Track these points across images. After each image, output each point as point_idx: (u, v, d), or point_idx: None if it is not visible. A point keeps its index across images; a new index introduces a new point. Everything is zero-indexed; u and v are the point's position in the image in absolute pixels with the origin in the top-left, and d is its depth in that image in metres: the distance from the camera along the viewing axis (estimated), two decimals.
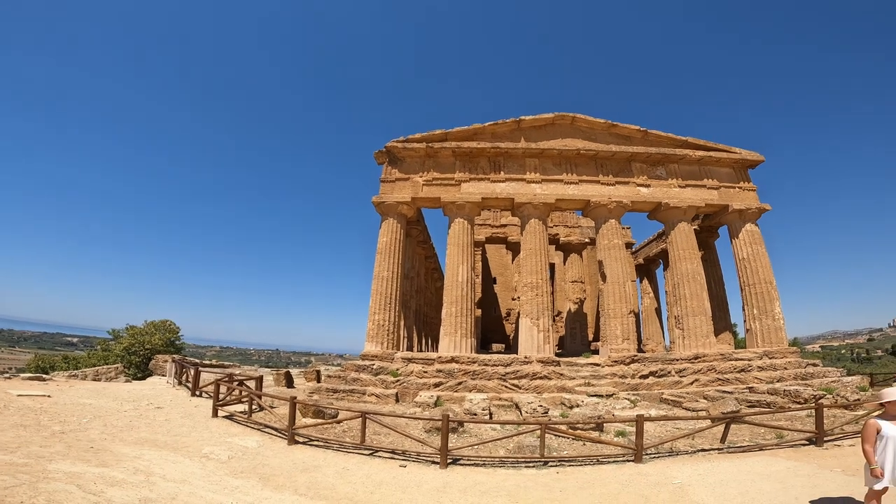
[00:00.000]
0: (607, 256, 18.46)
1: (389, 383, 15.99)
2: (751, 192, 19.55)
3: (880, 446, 4.96)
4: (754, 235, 19.00)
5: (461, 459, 8.54)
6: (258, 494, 6.49)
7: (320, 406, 10.65)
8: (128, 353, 25.18)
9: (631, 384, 15.95)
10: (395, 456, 8.76)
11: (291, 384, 18.20)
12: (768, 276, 18.43)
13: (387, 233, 18.74)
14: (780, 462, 7.65)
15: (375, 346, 17.50)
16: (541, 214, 18.72)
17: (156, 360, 22.27)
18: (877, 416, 5.16)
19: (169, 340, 27.37)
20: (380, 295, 17.98)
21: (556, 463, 8.20)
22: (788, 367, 16.89)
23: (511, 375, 16.23)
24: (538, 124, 19.63)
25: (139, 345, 25.43)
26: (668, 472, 7.38)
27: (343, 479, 7.34)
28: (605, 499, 6.28)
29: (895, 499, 5.19)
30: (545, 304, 17.69)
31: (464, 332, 17.38)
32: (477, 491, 6.93)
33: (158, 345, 25.83)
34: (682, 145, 19.72)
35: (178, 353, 25.98)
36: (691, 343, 17.55)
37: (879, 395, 5.24)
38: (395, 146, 19.02)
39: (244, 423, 10.79)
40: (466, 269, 18.10)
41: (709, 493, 6.20)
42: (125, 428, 9.74)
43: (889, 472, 4.87)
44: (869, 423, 5.09)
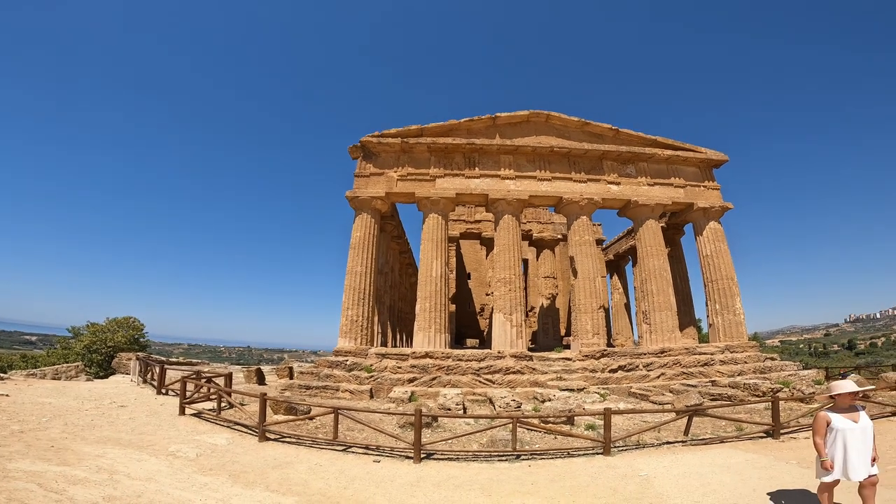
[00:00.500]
0: (578, 252, 18.84)
1: (363, 379, 15.92)
2: (715, 191, 20.29)
3: (830, 438, 4.99)
4: (717, 233, 19.75)
5: (435, 454, 8.60)
6: (228, 491, 6.38)
7: (292, 403, 10.51)
8: (89, 352, 24.20)
9: (601, 378, 16.37)
10: (369, 451, 8.74)
11: (263, 381, 17.89)
12: (730, 273, 19.21)
13: (360, 228, 18.59)
14: (739, 454, 7.97)
15: (349, 341, 17.37)
16: (514, 211, 18.94)
17: (119, 359, 21.49)
18: (828, 408, 5.19)
19: (133, 338, 26.41)
20: (353, 290, 17.84)
21: (529, 456, 8.35)
22: (748, 361, 17.69)
23: (485, 370, 16.40)
24: (513, 121, 19.82)
25: (101, 343, 24.45)
26: (634, 465, 7.62)
27: (316, 475, 7.29)
28: (575, 491, 6.44)
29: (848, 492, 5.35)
30: (518, 299, 17.94)
31: (438, 328, 17.45)
32: (450, 485, 6.99)
33: (121, 342, 24.91)
34: (652, 144, 20.27)
35: (143, 352, 25.13)
36: (658, 337, 18.14)
37: (830, 388, 5.27)
38: (370, 141, 18.87)
39: (213, 421, 10.55)
40: (440, 264, 18.15)
41: (673, 485, 6.44)
42: (87, 427, 9.43)
43: (840, 465, 4.90)
44: (819, 415, 5.13)
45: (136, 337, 26.95)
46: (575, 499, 6.12)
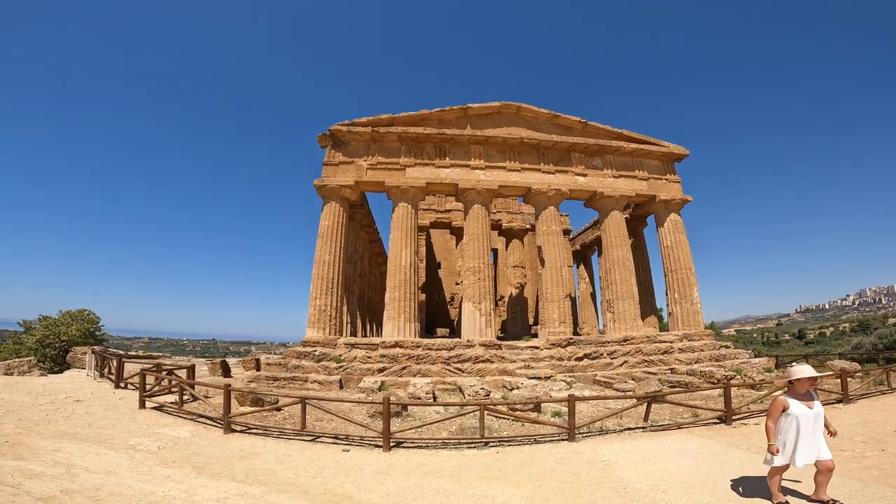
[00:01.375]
0: (546, 242, 19.19)
1: (332, 370, 15.79)
2: (676, 184, 21.03)
3: (786, 424, 4.99)
4: (677, 225, 20.53)
5: (405, 442, 8.66)
6: (192, 482, 6.26)
7: (258, 394, 10.33)
8: (42, 346, 23.08)
9: (567, 366, 16.83)
10: (338, 441, 8.72)
11: (228, 374, 17.46)
12: (688, 263, 20.04)
13: (329, 216, 18.31)
14: (694, 440, 8.37)
15: (317, 332, 17.16)
16: (484, 200, 19.07)
17: (74, 353, 20.53)
18: (785, 393, 5.17)
19: (88, 331, 25.27)
20: (321, 279, 17.60)
21: (497, 443, 8.53)
22: (705, 349, 18.58)
23: (454, 359, 16.57)
24: (484, 112, 19.89)
25: (54, 336, 23.32)
26: (598, 451, 7.90)
27: (284, 465, 7.23)
28: (540, 477, 6.64)
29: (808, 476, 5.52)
30: (487, 288, 18.15)
31: (407, 317, 17.47)
32: (420, 472, 7.07)
33: (76, 336, 23.80)
34: (618, 137, 20.75)
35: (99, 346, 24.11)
36: (621, 326, 18.78)
37: (788, 373, 5.24)
38: (340, 129, 18.57)
39: (175, 414, 10.26)
40: (410, 253, 18.12)
41: (633, 470, 6.72)
42: (42, 422, 9.08)
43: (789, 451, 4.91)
44: (777, 399, 5.10)
45: (92, 330, 25.82)
46: (541, 484, 6.30)
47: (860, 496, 5.26)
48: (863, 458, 6.65)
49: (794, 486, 5.56)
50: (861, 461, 6.50)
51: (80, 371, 18.18)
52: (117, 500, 5.50)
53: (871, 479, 5.68)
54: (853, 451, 7.00)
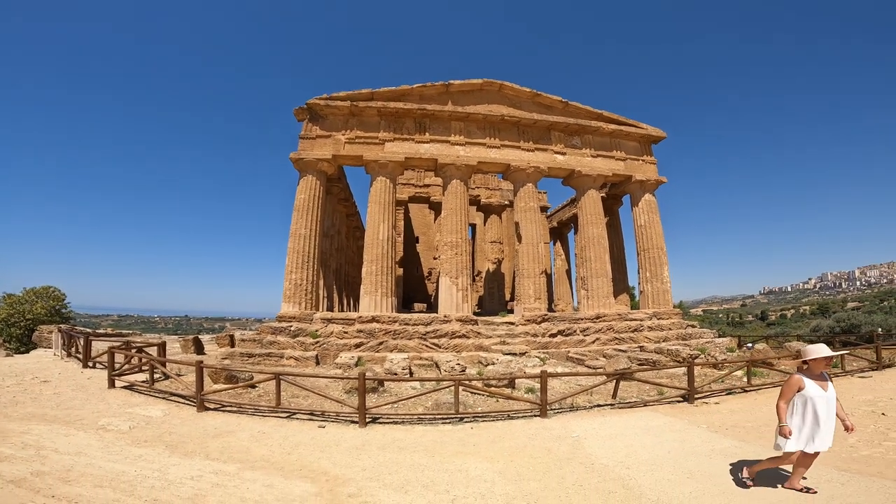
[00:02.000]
0: (523, 218, 19.31)
1: (309, 345, 15.75)
2: (652, 165, 21.32)
3: (799, 405, 4.73)
4: (651, 205, 20.92)
5: (381, 418, 8.77)
6: (165, 461, 6.22)
7: (232, 371, 10.24)
8: (7, 326, 22.22)
9: (541, 342, 17.23)
10: (314, 418, 8.77)
11: (202, 351, 17.18)
12: (660, 243, 20.55)
13: (305, 190, 17.94)
14: (659, 417, 8.72)
15: (293, 306, 17.01)
16: (463, 176, 18.97)
17: (40, 332, 19.81)
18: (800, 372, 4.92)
19: (53, 309, 24.40)
20: (297, 253, 17.36)
21: (471, 419, 8.73)
22: (673, 328, 19.27)
23: (431, 335, 16.73)
24: (466, 89, 19.59)
25: (19, 315, 22.45)
26: (568, 427, 8.17)
27: (258, 443, 7.24)
28: (513, 452, 6.85)
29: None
30: (464, 263, 18.24)
31: (384, 292, 17.46)
32: (395, 447, 7.20)
33: (41, 315, 22.96)
34: (598, 118, 20.79)
35: (66, 324, 23.36)
36: (594, 303, 19.24)
37: (804, 353, 4.93)
38: (317, 103, 18.09)
39: (146, 393, 10.09)
40: (387, 227, 17.99)
41: (600, 446, 6.99)
42: (8, 404, 8.84)
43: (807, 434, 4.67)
44: (793, 378, 4.83)
45: (58, 308, 24.94)
46: (513, 459, 6.51)
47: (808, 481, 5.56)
48: None
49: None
50: None
51: (46, 351, 17.62)
52: (88, 480, 5.43)
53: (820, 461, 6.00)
54: None
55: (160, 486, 5.38)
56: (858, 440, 6.68)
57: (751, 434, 7.42)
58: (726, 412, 9.12)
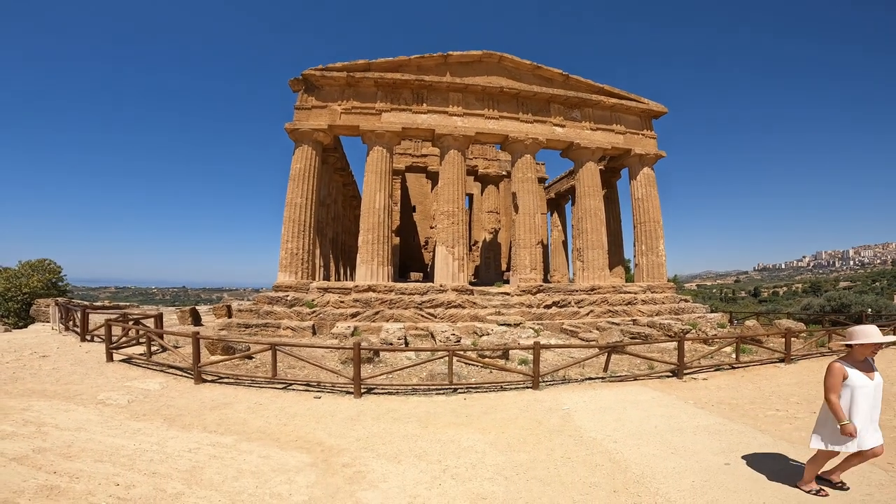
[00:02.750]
0: (521, 189, 19.18)
1: (305, 315, 15.89)
2: (651, 140, 21.02)
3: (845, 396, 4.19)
4: (650, 178, 20.75)
5: (375, 388, 8.93)
6: (164, 434, 6.35)
7: (229, 342, 10.34)
8: (4, 300, 22.25)
9: (536, 314, 17.42)
10: (310, 388, 8.92)
11: (199, 322, 17.28)
12: (657, 216, 20.50)
13: (301, 159, 17.73)
14: (648, 392, 8.89)
15: (289, 276, 17.06)
16: (460, 146, 18.70)
17: (37, 306, 19.82)
18: (841, 359, 4.36)
19: (50, 282, 24.35)
20: (293, 222, 17.29)
21: (465, 390, 8.90)
22: (666, 302, 19.47)
23: (427, 304, 16.88)
24: (465, 60, 19.07)
25: (16, 289, 22.43)
26: (559, 399, 8.34)
27: (255, 414, 7.38)
28: (504, 423, 7.02)
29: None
30: (461, 232, 18.23)
31: (381, 261, 17.50)
32: (389, 418, 7.36)
33: (38, 288, 22.94)
34: (599, 92, 20.33)
35: (63, 296, 23.37)
36: (589, 275, 19.36)
37: (848, 335, 4.37)
38: (313, 74, 17.66)
39: (144, 366, 10.19)
40: (384, 196, 17.87)
41: (589, 419, 7.16)
42: (8, 380, 8.90)
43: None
44: (834, 367, 4.25)
45: (54, 281, 24.89)
46: (504, 430, 6.68)
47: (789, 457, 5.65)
48: (795, 419, 7.14)
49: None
50: (793, 422, 6.98)
51: (44, 325, 17.69)
52: (89, 455, 5.54)
53: (799, 441, 6.14)
54: (787, 412, 7.53)
55: (158, 460, 5.49)
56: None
57: (735, 412, 7.57)
58: (713, 388, 9.31)
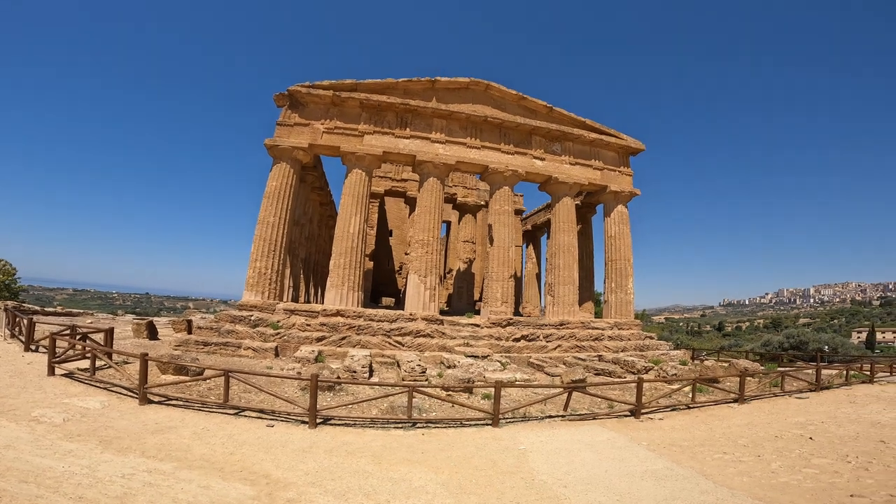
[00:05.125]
0: (496, 221, 19.38)
1: (269, 336, 15.45)
2: (628, 177, 21.62)
3: None
4: (623, 216, 21.28)
5: (332, 419, 8.68)
6: (96, 458, 6.00)
7: (181, 362, 9.92)
8: None
9: (505, 346, 17.37)
10: (264, 416, 8.60)
11: (155, 336, 16.54)
12: (628, 255, 20.97)
13: (278, 177, 17.57)
14: (605, 433, 8.88)
15: (255, 295, 16.64)
16: (440, 174, 18.87)
17: None
18: None
19: (3, 284, 23.16)
20: (263, 241, 16.98)
21: (424, 424, 8.73)
22: (632, 339, 19.73)
23: (395, 332, 16.65)
24: (452, 87, 19.46)
25: None
26: (517, 438, 8.26)
27: (201, 440, 7.07)
28: (460, 462, 6.88)
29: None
30: (434, 262, 18.19)
31: (351, 286, 17.26)
32: (343, 451, 7.13)
33: None
34: (581, 126, 20.87)
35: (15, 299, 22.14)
36: (559, 310, 19.50)
37: None
38: (299, 90, 17.67)
39: (87, 382, 9.68)
40: (359, 220, 17.77)
41: (544, 461, 7.09)
42: None
43: None
44: None
45: (7, 282, 23.68)
46: (458, 469, 6.53)
47: None
48: (740, 462, 7.20)
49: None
50: (737, 466, 7.03)
51: None
52: (14, 475, 5.22)
53: (740, 487, 6.20)
54: (733, 455, 7.57)
55: (87, 484, 5.19)
56: (781, 465, 6.92)
57: (685, 454, 7.60)
58: (668, 429, 9.38)
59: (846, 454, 7.44)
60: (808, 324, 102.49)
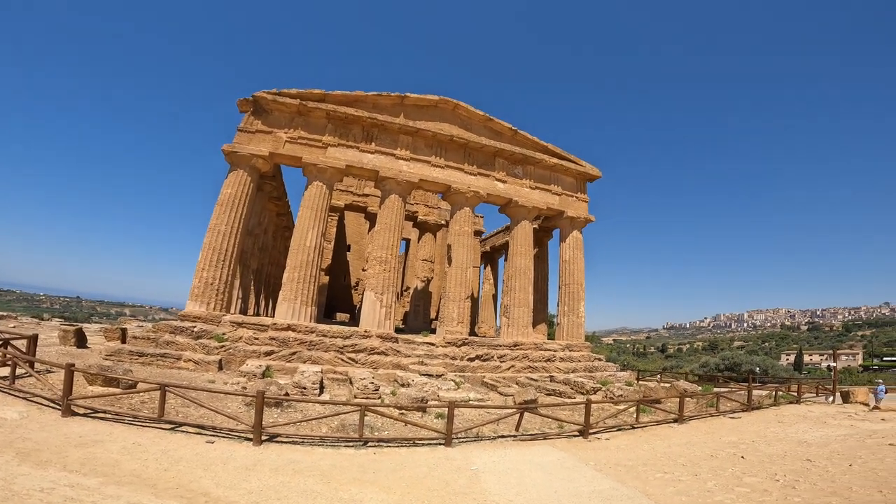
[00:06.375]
0: (456, 242, 19.54)
1: (212, 349, 14.62)
2: (584, 203, 22.47)
3: None
4: (577, 242, 22.03)
5: (279, 437, 8.28)
6: (12, 471, 5.47)
7: (112, 374, 9.19)
8: None
9: (459, 366, 17.32)
10: (203, 432, 8.08)
11: (84, 344, 15.21)
12: (580, 279, 21.66)
13: (233, 184, 16.96)
14: (555, 452, 8.97)
15: (200, 306, 15.78)
16: (403, 191, 18.87)
17: None
18: None
19: None
20: (213, 250, 16.22)
21: (376, 444, 8.49)
22: (582, 360, 20.26)
23: (349, 349, 16.24)
24: (421, 104, 19.64)
25: None
26: (470, 458, 8.18)
27: (131, 455, 6.57)
28: (411, 482, 6.71)
29: None
30: (391, 279, 18.01)
31: (304, 300, 16.75)
32: (290, 470, 6.81)
33: None
34: (543, 150, 21.50)
35: None
36: (514, 331, 19.76)
37: None
38: (265, 97, 17.26)
39: (5, 391, 8.82)
40: (317, 233, 17.39)
41: (496, 481, 7.06)
42: None
43: None
44: None
45: None
46: (410, 490, 6.37)
47: None
48: (679, 482, 7.43)
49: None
50: (676, 485, 7.25)
51: None
52: None
53: None
54: (673, 475, 7.82)
55: (2, 497, 4.78)
56: (716, 484, 7.21)
57: (629, 474, 7.77)
58: (614, 449, 9.61)
59: (775, 473, 7.83)
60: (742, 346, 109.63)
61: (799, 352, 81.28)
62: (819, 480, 7.37)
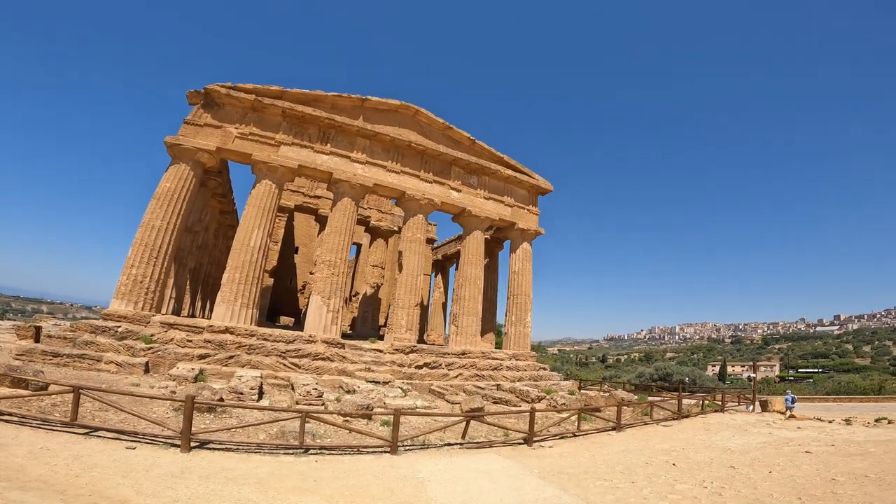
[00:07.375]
0: (407, 249, 19.39)
1: (139, 350, 13.53)
2: (535, 216, 23.10)
3: None
4: (527, 253, 22.58)
5: (211, 443, 7.75)
6: None
7: (21, 374, 8.26)
8: None
9: (407, 373, 17.09)
10: (124, 437, 7.41)
11: None
12: (528, 290, 22.17)
13: (174, 178, 15.98)
14: (500, 460, 8.98)
15: (127, 305, 14.59)
16: (356, 195, 18.55)
17: None
18: None
19: None
20: (145, 246, 15.12)
21: (317, 451, 8.13)
22: (528, 369, 20.64)
23: (292, 353, 15.59)
24: (382, 108, 19.50)
25: None
26: (416, 466, 8.00)
27: (38, 460, 5.95)
28: (355, 491, 6.46)
29: None
30: (340, 284, 17.56)
31: (245, 302, 15.93)
32: (222, 478, 6.37)
33: None
34: (499, 161, 21.94)
35: None
36: (462, 340, 19.82)
37: None
38: (217, 90, 16.49)
39: None
40: (263, 234, 16.67)
41: (442, 489, 6.93)
42: None
43: None
44: None
45: None
46: (353, 499, 6.13)
47: None
48: (617, 489, 7.64)
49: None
50: (615, 492, 7.44)
51: None
52: None
53: None
54: (612, 482, 8.02)
55: None
56: (651, 492, 7.48)
57: (571, 481, 7.89)
58: (557, 456, 9.78)
59: (703, 480, 8.24)
60: (673, 357, 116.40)
61: (723, 363, 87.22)
62: (742, 487, 7.82)
